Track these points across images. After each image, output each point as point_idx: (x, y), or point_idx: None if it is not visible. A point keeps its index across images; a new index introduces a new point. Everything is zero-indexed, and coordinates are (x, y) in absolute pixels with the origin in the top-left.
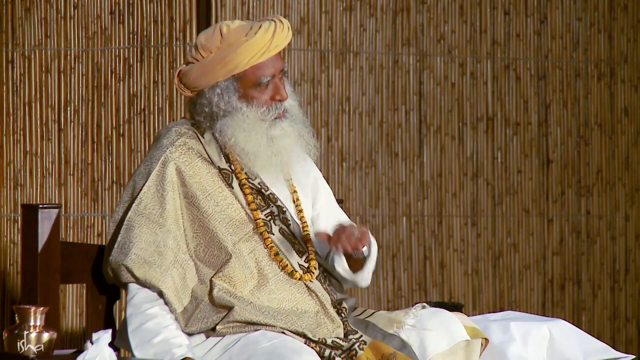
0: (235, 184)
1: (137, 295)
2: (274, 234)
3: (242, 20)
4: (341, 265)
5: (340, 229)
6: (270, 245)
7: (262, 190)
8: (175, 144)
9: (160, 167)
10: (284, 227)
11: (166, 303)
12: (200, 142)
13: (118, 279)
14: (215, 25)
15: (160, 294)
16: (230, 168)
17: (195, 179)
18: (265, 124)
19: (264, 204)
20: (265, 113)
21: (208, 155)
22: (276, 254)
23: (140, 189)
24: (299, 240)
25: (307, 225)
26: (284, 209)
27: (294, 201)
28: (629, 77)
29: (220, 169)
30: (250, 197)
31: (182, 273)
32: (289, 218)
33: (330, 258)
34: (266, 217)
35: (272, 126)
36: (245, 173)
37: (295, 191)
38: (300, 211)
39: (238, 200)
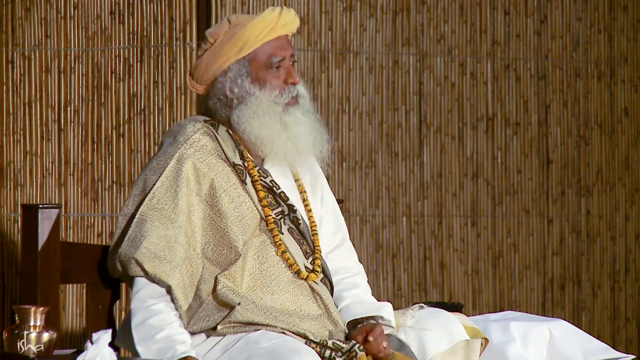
0: (248, 180)
1: (143, 290)
2: (283, 233)
3: None
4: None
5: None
6: (278, 243)
7: (274, 188)
8: (190, 140)
9: (175, 163)
10: (293, 226)
11: (172, 300)
12: (216, 138)
13: (126, 272)
14: (223, 18)
15: (168, 290)
16: (244, 165)
17: (211, 176)
18: (279, 108)
19: (275, 203)
20: (278, 96)
21: (223, 151)
22: (283, 252)
23: (154, 184)
24: (307, 241)
25: (315, 225)
26: (295, 208)
27: (303, 201)
28: (629, 77)
29: (234, 165)
30: (262, 194)
31: (190, 270)
32: (299, 217)
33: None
34: (276, 215)
35: (285, 112)
36: (258, 171)
37: (304, 191)
38: (309, 211)
39: (250, 197)
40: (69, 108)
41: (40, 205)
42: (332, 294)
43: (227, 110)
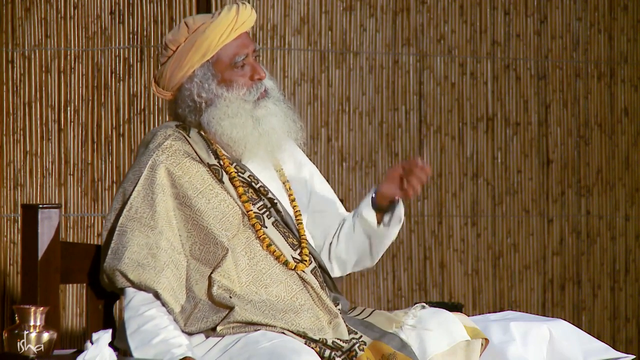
0: (225, 178)
1: (134, 299)
2: (266, 227)
3: None
4: (370, 216)
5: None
6: (262, 236)
7: (252, 183)
8: (162, 146)
9: (148, 170)
10: (277, 218)
11: (163, 304)
12: (187, 141)
13: (114, 285)
14: (180, 23)
15: (157, 296)
16: (219, 163)
17: (185, 179)
18: (249, 105)
19: (256, 197)
20: (247, 94)
21: (196, 154)
22: (269, 245)
23: (130, 194)
24: (293, 232)
25: (300, 215)
26: (275, 201)
27: (286, 191)
28: (629, 77)
29: (209, 166)
30: (241, 190)
31: (177, 273)
32: (281, 210)
33: (358, 213)
34: (259, 209)
35: (255, 107)
36: (235, 167)
37: (287, 181)
38: (293, 200)
39: (230, 195)
40: (69, 108)
41: (40, 205)
42: (331, 280)
43: (197, 116)
